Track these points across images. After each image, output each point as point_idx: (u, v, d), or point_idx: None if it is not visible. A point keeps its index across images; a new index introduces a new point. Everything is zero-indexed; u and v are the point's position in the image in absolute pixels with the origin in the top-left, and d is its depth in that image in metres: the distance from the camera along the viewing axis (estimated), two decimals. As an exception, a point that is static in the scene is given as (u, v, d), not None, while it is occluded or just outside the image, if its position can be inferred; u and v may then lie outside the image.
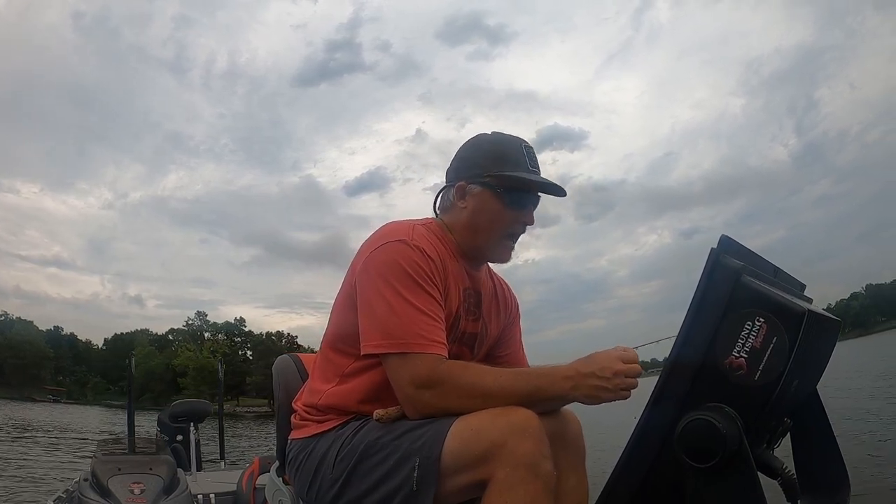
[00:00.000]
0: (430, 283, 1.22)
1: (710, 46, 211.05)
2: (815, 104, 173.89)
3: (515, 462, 1.06)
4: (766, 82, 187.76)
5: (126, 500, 2.86)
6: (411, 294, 1.19)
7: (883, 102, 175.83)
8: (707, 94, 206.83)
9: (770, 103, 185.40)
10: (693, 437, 1.00)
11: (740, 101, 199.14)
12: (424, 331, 1.18)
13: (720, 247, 1.08)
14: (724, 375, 1.03)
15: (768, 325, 1.00)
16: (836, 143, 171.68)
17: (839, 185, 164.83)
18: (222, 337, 77.45)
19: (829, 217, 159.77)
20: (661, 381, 1.09)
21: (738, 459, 0.99)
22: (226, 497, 3.54)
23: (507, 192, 1.31)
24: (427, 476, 1.11)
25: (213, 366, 66.44)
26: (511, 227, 1.34)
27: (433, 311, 1.21)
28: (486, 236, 1.33)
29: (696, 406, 1.03)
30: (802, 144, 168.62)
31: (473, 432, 1.11)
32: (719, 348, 1.03)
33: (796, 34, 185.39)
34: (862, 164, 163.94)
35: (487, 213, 1.32)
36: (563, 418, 1.30)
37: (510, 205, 1.31)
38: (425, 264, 1.22)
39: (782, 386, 1.01)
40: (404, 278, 1.20)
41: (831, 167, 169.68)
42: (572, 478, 1.29)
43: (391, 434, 1.19)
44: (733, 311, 1.03)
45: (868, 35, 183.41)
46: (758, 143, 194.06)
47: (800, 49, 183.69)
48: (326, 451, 1.26)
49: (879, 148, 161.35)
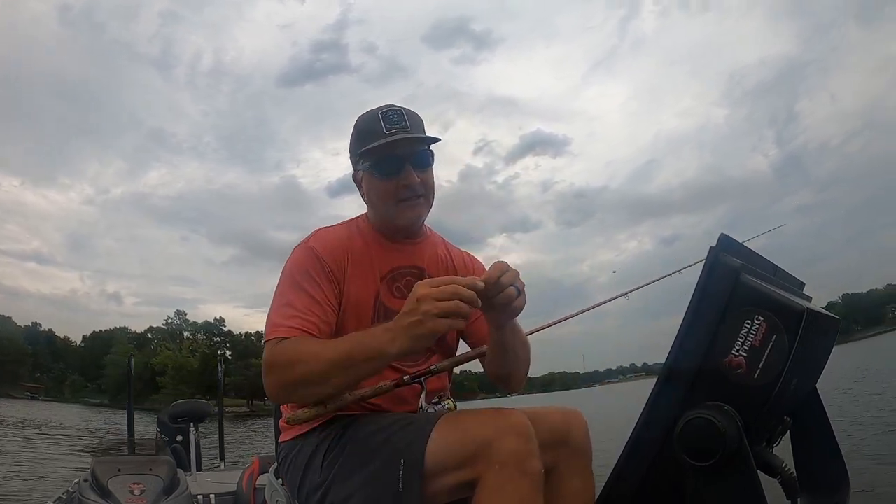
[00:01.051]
0: (308, 277, 1.27)
1: (695, 57, 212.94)
2: (796, 116, 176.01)
3: (503, 461, 1.05)
4: (749, 93, 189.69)
5: (126, 500, 2.86)
6: (288, 290, 1.26)
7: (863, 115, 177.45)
8: (690, 104, 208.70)
9: (752, 114, 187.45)
10: (693, 435, 1.00)
11: (723, 112, 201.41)
12: (279, 318, 1.23)
13: (719, 245, 1.08)
14: (723, 374, 1.03)
15: (768, 324, 1.00)
16: (815, 155, 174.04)
17: (818, 195, 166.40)
18: (202, 337, 76.93)
19: (808, 227, 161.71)
20: (660, 380, 1.09)
21: (737, 458, 0.99)
22: (226, 497, 3.54)
23: (375, 166, 1.31)
24: (412, 477, 1.10)
25: (191, 365, 65.57)
26: (396, 194, 1.32)
27: (301, 300, 1.24)
28: (383, 210, 1.35)
29: (696, 405, 1.03)
30: (783, 155, 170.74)
31: (460, 432, 1.11)
32: (719, 347, 1.03)
33: (779, 46, 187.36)
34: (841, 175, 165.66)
35: (373, 191, 1.34)
36: (567, 420, 1.30)
37: (384, 176, 1.31)
38: (311, 262, 1.28)
39: (782, 384, 1.01)
40: (288, 278, 1.28)
41: (811, 178, 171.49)
42: (577, 481, 1.27)
43: (377, 435, 1.18)
44: (733, 309, 1.03)
45: (850, 48, 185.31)
46: (739, 152, 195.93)
47: (783, 61, 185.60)
48: (313, 452, 1.26)
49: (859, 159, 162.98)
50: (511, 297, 1.11)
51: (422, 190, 1.32)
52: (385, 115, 1.30)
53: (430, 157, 1.34)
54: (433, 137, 1.33)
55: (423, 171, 1.32)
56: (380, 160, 1.30)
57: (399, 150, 1.29)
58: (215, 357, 63.31)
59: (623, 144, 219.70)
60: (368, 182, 1.34)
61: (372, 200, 1.36)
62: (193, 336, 76.87)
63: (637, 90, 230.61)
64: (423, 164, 1.32)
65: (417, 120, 1.33)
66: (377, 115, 1.30)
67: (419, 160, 1.31)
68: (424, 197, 1.34)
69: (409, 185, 1.30)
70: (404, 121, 1.29)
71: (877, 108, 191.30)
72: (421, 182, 1.31)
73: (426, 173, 1.33)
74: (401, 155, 1.29)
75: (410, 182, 1.30)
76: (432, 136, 1.32)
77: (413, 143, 1.30)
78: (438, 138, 1.33)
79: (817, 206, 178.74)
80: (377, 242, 1.36)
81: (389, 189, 1.31)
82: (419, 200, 1.33)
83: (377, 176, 1.32)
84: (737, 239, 1.13)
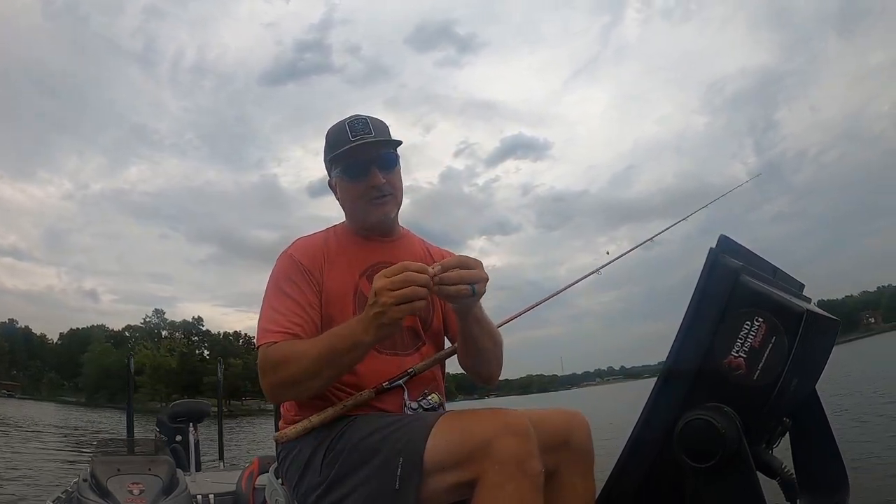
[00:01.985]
0: (290, 282, 1.35)
1: (676, 65, 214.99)
2: (775, 125, 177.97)
3: (502, 460, 1.05)
4: (729, 102, 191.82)
5: (125, 500, 2.86)
6: (273, 297, 1.35)
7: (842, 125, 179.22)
8: (671, 111, 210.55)
9: (731, 122, 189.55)
10: (692, 436, 1.00)
11: (703, 119, 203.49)
12: (267, 324, 1.30)
13: (719, 246, 1.08)
14: (723, 375, 1.03)
15: (767, 325, 1.00)
16: (794, 163, 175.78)
17: (796, 203, 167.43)
18: (180, 336, 76.28)
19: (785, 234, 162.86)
20: (659, 381, 1.09)
21: (737, 459, 0.99)
22: (225, 497, 3.54)
23: (344, 171, 1.41)
24: (410, 476, 1.10)
25: (170, 364, 64.87)
26: (365, 195, 1.40)
27: (285, 305, 1.32)
28: (354, 212, 1.45)
29: (696, 406, 1.03)
30: (762, 163, 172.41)
31: (459, 431, 1.11)
32: (718, 348, 1.03)
33: (760, 57, 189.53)
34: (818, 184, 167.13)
35: (345, 193, 1.44)
36: (569, 422, 1.30)
37: (352, 178, 1.40)
38: (291, 269, 1.37)
39: (781, 385, 1.01)
40: (273, 286, 1.37)
41: (788, 186, 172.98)
42: (579, 484, 1.27)
43: (375, 435, 1.19)
44: (732, 310, 1.03)
45: (830, 60, 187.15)
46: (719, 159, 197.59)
47: (763, 71, 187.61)
48: (312, 452, 1.27)
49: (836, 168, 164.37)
50: (460, 294, 1.16)
51: (389, 189, 1.41)
52: (351, 124, 1.40)
53: (395, 159, 1.43)
54: (396, 140, 1.43)
55: (389, 171, 1.41)
56: (348, 165, 1.40)
57: (364, 154, 1.38)
58: (194, 356, 63.13)
59: (604, 150, 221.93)
60: (340, 186, 1.44)
61: (345, 203, 1.46)
62: (172, 335, 76.20)
63: (618, 96, 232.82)
64: (388, 166, 1.41)
65: (382, 126, 1.43)
66: (344, 125, 1.41)
67: (384, 162, 1.40)
68: (392, 196, 1.42)
69: (376, 186, 1.39)
70: (369, 128, 1.40)
71: (854, 120, 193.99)
72: (387, 182, 1.40)
73: (392, 174, 1.42)
74: (366, 159, 1.38)
75: (376, 182, 1.38)
76: (395, 140, 1.43)
77: (377, 146, 1.39)
78: (400, 141, 1.43)
79: (794, 214, 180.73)
80: (354, 243, 1.44)
81: (359, 190, 1.40)
82: (386, 199, 1.41)
83: (347, 179, 1.41)
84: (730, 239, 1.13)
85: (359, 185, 1.40)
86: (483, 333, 1.33)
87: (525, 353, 18.58)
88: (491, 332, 1.37)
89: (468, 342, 1.34)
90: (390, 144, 1.42)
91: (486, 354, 1.38)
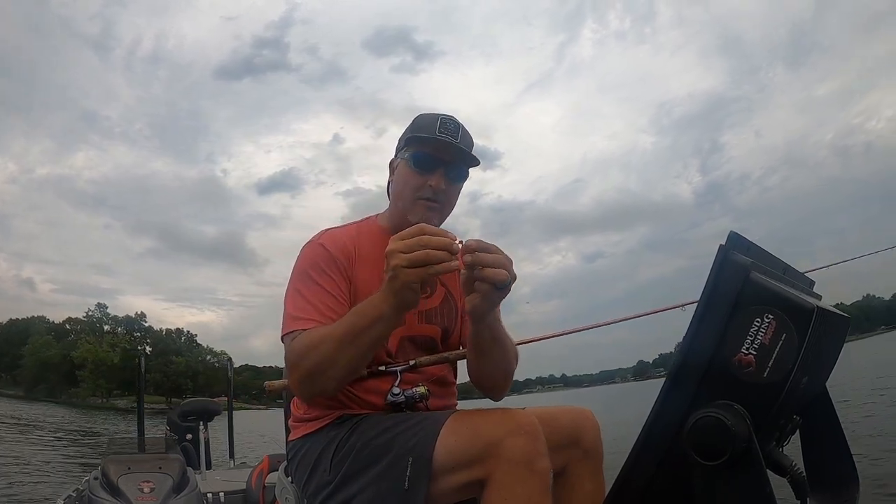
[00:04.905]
0: (319, 270, 1.31)
1: (627, 85, 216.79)
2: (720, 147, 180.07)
3: (512, 460, 1.05)
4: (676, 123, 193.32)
5: (136, 498, 2.88)
6: (300, 284, 1.31)
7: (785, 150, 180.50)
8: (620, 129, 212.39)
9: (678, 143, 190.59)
10: (702, 434, 1.00)
11: (650, 139, 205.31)
12: (294, 312, 1.27)
13: (729, 243, 1.08)
14: (732, 372, 1.02)
15: (777, 322, 1.00)
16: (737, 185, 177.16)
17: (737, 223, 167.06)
18: (122, 331, 75.46)
19: None
20: (669, 379, 1.09)
21: (747, 457, 0.98)
22: (235, 495, 3.56)
23: (413, 157, 1.36)
24: (419, 475, 1.10)
25: (112, 360, 63.90)
26: (419, 191, 1.35)
27: (313, 292, 1.28)
28: (401, 202, 1.39)
29: (705, 403, 1.03)
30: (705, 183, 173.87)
31: (468, 431, 1.11)
32: (728, 345, 1.03)
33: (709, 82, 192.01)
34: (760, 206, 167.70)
35: (401, 178, 1.39)
36: (578, 421, 1.29)
37: (416, 167, 1.35)
38: (321, 257, 1.33)
39: (791, 383, 1.00)
40: (300, 274, 1.33)
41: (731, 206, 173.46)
42: (588, 484, 1.27)
43: (385, 434, 1.19)
44: (742, 307, 1.02)
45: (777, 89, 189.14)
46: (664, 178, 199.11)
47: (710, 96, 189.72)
48: (322, 451, 1.27)
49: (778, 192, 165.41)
50: (496, 277, 1.06)
51: (443, 198, 1.36)
52: (443, 120, 1.35)
53: (464, 175, 1.39)
54: (475, 158, 1.37)
55: (452, 183, 1.37)
56: (419, 154, 1.35)
57: (440, 152, 1.34)
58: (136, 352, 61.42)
59: (553, 161, 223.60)
60: (401, 170, 1.39)
61: (395, 188, 1.41)
62: (114, 330, 75.23)
63: (570, 111, 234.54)
64: (455, 177, 1.37)
65: (469, 139, 1.38)
66: (437, 118, 1.36)
67: (453, 171, 1.36)
68: (441, 206, 1.37)
69: (434, 188, 1.34)
70: (458, 133, 1.34)
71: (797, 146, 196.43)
72: (444, 191, 1.35)
73: (453, 186, 1.38)
74: (439, 158, 1.34)
75: (436, 185, 1.34)
76: (474, 157, 1.37)
77: (457, 153, 1.34)
78: (478, 161, 1.38)
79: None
80: (384, 242, 1.38)
81: (416, 183, 1.35)
82: (435, 206, 1.36)
83: (411, 166, 1.36)
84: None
85: (418, 178, 1.35)
86: (494, 345, 1.27)
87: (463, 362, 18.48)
88: (503, 344, 1.30)
89: (475, 349, 1.29)
90: (468, 159, 1.37)
91: (489, 366, 1.32)
